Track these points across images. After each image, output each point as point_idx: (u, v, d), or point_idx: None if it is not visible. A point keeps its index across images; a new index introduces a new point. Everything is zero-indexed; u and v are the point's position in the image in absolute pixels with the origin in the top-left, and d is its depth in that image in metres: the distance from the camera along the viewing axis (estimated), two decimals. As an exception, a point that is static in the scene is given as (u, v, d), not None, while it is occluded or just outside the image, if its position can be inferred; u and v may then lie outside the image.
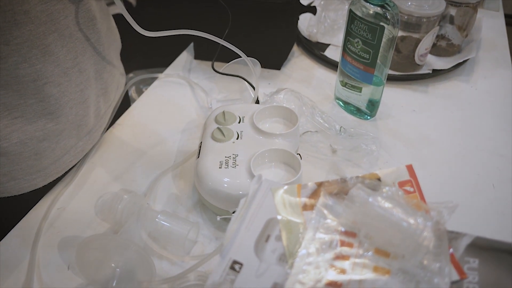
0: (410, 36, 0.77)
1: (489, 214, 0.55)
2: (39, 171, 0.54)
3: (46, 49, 0.49)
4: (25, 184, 0.53)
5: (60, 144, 0.55)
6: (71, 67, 0.53)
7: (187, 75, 0.81)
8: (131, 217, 0.49)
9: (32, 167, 0.53)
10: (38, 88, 0.49)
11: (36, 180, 0.54)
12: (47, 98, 0.51)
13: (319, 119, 0.63)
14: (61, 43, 0.51)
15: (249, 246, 0.36)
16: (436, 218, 0.35)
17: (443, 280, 0.33)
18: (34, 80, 0.49)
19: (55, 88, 0.51)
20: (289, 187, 0.39)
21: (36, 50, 0.48)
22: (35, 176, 0.54)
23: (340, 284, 0.33)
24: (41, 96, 0.50)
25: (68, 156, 0.57)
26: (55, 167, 0.56)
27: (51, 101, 0.51)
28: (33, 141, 0.51)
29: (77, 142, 0.58)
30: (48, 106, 0.51)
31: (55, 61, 0.50)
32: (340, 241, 0.36)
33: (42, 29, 0.48)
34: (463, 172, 0.61)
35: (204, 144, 0.55)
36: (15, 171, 0.52)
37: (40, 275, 0.48)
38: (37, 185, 0.54)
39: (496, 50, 0.90)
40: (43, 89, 0.50)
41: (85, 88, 0.56)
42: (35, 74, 0.49)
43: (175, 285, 0.43)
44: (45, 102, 0.51)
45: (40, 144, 0.52)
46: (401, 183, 0.40)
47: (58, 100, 0.52)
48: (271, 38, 0.78)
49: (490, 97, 0.77)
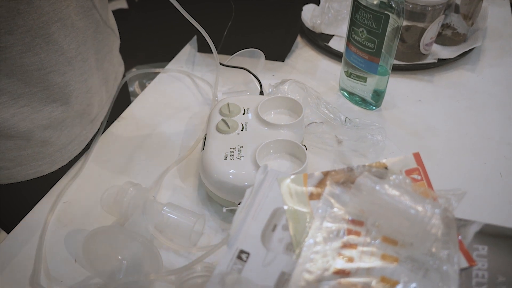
0: (415, 26, 0.76)
1: (497, 203, 0.55)
2: (45, 158, 0.55)
3: (49, 38, 0.49)
4: (31, 170, 0.55)
5: (64, 132, 0.56)
6: (74, 56, 0.54)
7: (190, 68, 0.81)
8: (137, 209, 0.49)
9: (38, 153, 0.54)
10: (42, 77, 0.50)
11: (42, 167, 0.55)
12: (52, 86, 0.52)
13: (324, 109, 0.62)
14: (64, 33, 0.51)
15: (256, 236, 0.35)
16: (444, 205, 0.35)
17: (452, 267, 0.33)
18: (38, 69, 0.49)
19: (59, 77, 0.52)
20: (295, 177, 0.39)
21: (40, 39, 0.48)
22: (41, 162, 0.55)
23: (348, 272, 0.33)
24: (46, 84, 0.51)
25: (73, 144, 0.58)
26: (60, 155, 0.57)
27: (56, 89, 0.52)
28: (39, 129, 0.52)
29: (81, 131, 0.59)
30: (53, 94, 0.52)
31: (59, 50, 0.51)
32: (347, 229, 0.36)
33: (45, 19, 0.48)
34: (470, 161, 0.61)
35: (209, 136, 0.55)
36: (21, 156, 0.53)
37: (47, 267, 0.48)
38: (43, 171, 0.56)
39: (502, 39, 0.89)
40: (48, 77, 0.51)
41: (88, 77, 0.57)
42: (39, 63, 0.49)
43: (181, 277, 0.43)
44: (49, 91, 0.51)
45: (46, 132, 0.53)
46: (408, 171, 0.40)
47: (63, 89, 0.53)
48: (275, 30, 0.78)
49: (496, 86, 0.76)
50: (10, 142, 0.51)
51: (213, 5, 0.76)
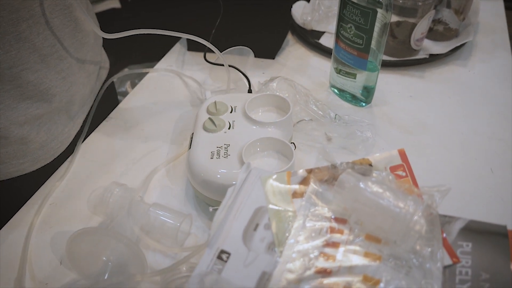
0: (405, 21, 0.75)
1: (488, 199, 0.54)
2: (26, 156, 0.54)
3: (19, 36, 0.49)
4: (12, 168, 0.54)
5: (43, 129, 0.55)
6: (49, 54, 0.53)
7: (180, 67, 0.80)
8: (122, 210, 0.49)
9: (19, 151, 0.54)
10: (14, 74, 0.50)
11: (24, 165, 0.55)
12: (25, 84, 0.51)
13: (313, 107, 0.62)
14: (37, 30, 0.51)
15: (237, 236, 0.35)
16: (427, 202, 0.34)
17: (435, 265, 0.32)
18: (10, 67, 0.49)
19: (32, 75, 0.51)
20: (279, 175, 0.39)
21: (10, 36, 0.48)
22: (22, 160, 0.54)
23: (330, 271, 0.32)
24: (19, 82, 0.50)
25: (55, 142, 0.58)
26: (43, 153, 0.56)
27: (29, 87, 0.52)
28: (16, 126, 0.52)
29: (63, 128, 0.58)
30: (27, 91, 0.52)
31: (31, 47, 0.51)
32: (330, 228, 0.35)
33: (14, 16, 0.48)
34: (461, 157, 0.60)
35: (196, 135, 0.54)
36: (1, 154, 0.52)
37: (33, 270, 0.47)
38: (25, 170, 0.55)
39: (494, 34, 0.89)
40: (20, 75, 0.50)
41: (67, 76, 0.56)
42: (10, 61, 0.49)
43: (167, 277, 0.43)
44: (23, 88, 0.51)
45: (23, 129, 0.53)
46: (393, 168, 0.39)
47: (37, 86, 0.52)
48: (265, 27, 0.77)
49: (488, 81, 0.75)
50: None
51: (201, 2, 0.75)
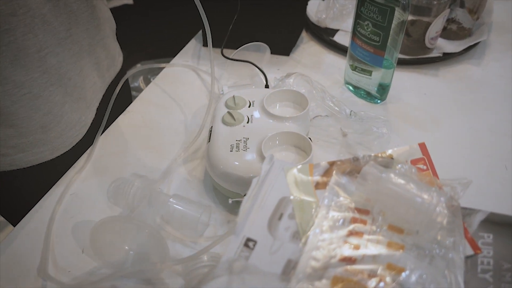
0: (420, 20, 0.76)
1: (503, 195, 0.55)
2: (46, 144, 0.55)
3: (44, 18, 0.49)
4: (32, 157, 0.55)
5: (64, 118, 0.56)
6: (64, 38, 0.54)
7: (196, 62, 0.81)
8: (143, 201, 0.49)
9: (39, 140, 0.54)
10: (41, 59, 0.50)
11: (44, 153, 0.55)
12: (49, 68, 0.52)
13: (329, 102, 0.62)
14: (56, 13, 0.51)
15: (262, 224, 0.36)
16: (450, 193, 0.35)
17: (457, 255, 0.33)
18: (38, 51, 0.49)
19: (54, 58, 0.52)
20: (301, 167, 0.39)
21: (37, 19, 0.48)
22: (43, 149, 0.55)
23: (354, 260, 0.33)
24: (45, 67, 0.51)
25: (74, 130, 0.58)
26: (62, 141, 0.57)
27: (52, 71, 0.52)
28: (39, 115, 0.52)
29: (80, 117, 0.59)
30: (50, 77, 0.52)
31: (52, 30, 0.51)
32: (353, 218, 0.36)
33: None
34: (475, 154, 0.61)
35: (215, 128, 0.55)
36: (22, 143, 0.53)
37: (55, 259, 0.48)
38: (44, 158, 0.56)
39: (508, 33, 0.89)
40: (46, 59, 0.51)
41: (77, 60, 0.57)
42: (38, 45, 0.49)
43: (188, 266, 0.43)
44: (48, 74, 0.52)
45: (46, 117, 0.53)
46: (414, 161, 0.40)
47: (58, 70, 0.53)
48: (280, 24, 0.78)
49: (501, 80, 0.76)
50: (11, 129, 0.51)
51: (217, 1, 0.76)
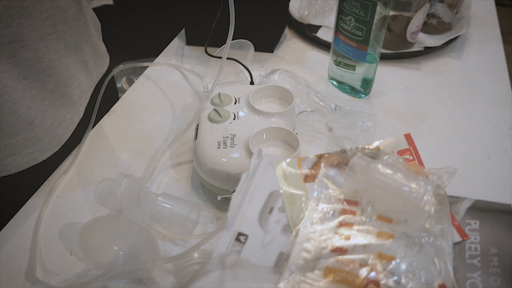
0: (401, 15, 0.77)
1: (486, 183, 0.56)
2: (35, 144, 0.53)
3: (23, 11, 0.48)
4: (23, 159, 0.53)
5: (47, 113, 0.54)
6: (49, 34, 0.53)
7: (179, 61, 0.80)
8: (131, 201, 0.49)
9: (27, 139, 0.52)
10: (13, 51, 0.49)
11: (34, 154, 0.53)
12: (22, 62, 0.50)
13: (314, 98, 0.63)
14: (41, 8, 0.50)
15: (253, 219, 0.36)
16: (436, 182, 0.35)
17: (446, 242, 0.33)
18: (9, 42, 0.48)
19: (31, 53, 0.50)
20: (290, 160, 0.40)
21: (12, 11, 0.47)
22: (32, 150, 0.53)
23: (345, 250, 0.33)
24: (16, 60, 0.49)
25: (61, 129, 0.57)
26: (50, 140, 0.55)
27: (26, 65, 0.50)
28: (22, 109, 0.51)
29: (66, 115, 0.58)
30: (23, 70, 0.50)
31: (32, 25, 0.50)
32: (342, 210, 0.36)
33: None
34: (458, 144, 0.62)
35: (201, 126, 0.55)
36: (11, 145, 0.51)
37: (43, 261, 0.48)
38: (36, 159, 0.54)
39: (486, 27, 0.91)
40: (19, 52, 0.49)
41: (62, 57, 0.56)
42: (10, 36, 0.48)
43: (179, 264, 0.43)
44: (20, 67, 0.50)
45: (29, 112, 0.52)
46: (400, 152, 0.41)
47: (34, 65, 0.51)
48: (263, 21, 0.78)
49: (481, 72, 0.77)
50: None
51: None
